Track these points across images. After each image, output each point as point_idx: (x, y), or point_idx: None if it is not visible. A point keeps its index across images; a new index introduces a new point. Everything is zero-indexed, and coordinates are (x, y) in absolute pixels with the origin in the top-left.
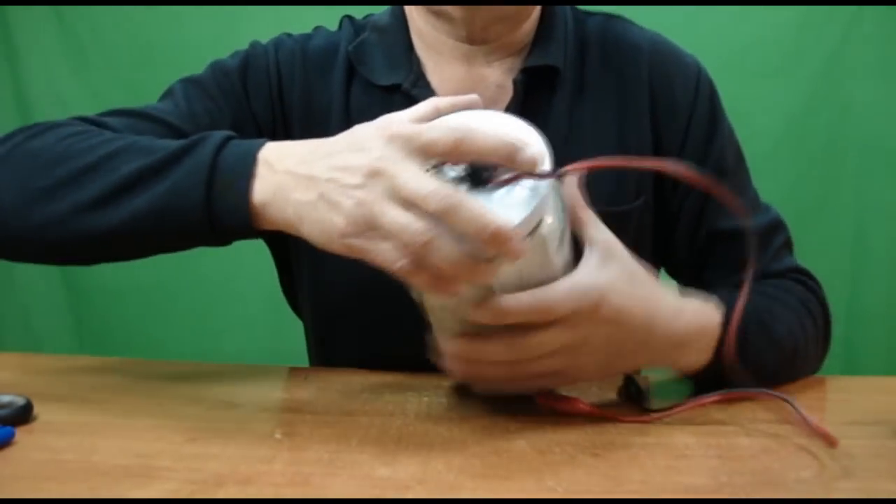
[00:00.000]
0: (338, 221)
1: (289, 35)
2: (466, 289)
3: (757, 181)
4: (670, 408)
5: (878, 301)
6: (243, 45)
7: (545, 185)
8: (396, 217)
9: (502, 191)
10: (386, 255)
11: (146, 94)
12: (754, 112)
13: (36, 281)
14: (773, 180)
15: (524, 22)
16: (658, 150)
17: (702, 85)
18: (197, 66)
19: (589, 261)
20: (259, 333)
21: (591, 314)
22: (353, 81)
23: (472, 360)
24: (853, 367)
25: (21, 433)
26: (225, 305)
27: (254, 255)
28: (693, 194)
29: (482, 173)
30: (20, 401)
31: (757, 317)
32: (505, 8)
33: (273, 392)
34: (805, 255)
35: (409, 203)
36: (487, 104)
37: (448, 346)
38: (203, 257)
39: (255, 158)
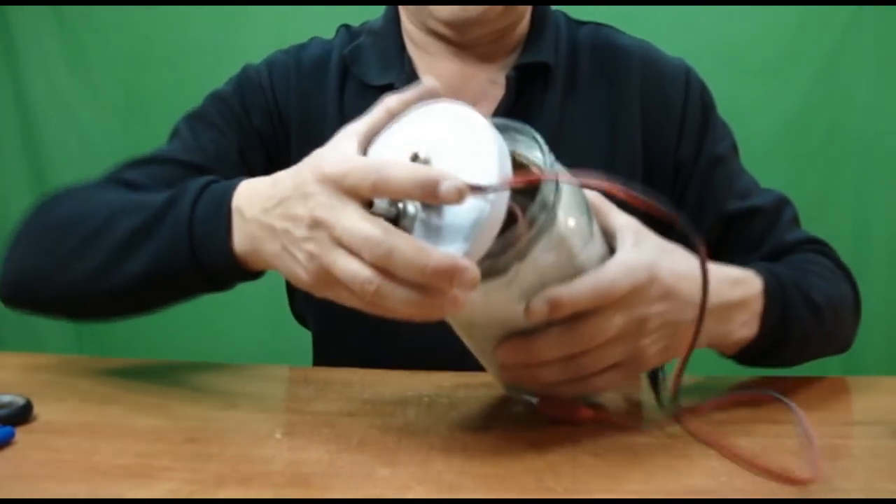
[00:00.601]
0: (302, 274)
1: (283, 50)
2: (482, 297)
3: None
4: (691, 408)
5: (878, 301)
6: (243, 45)
7: (488, 204)
8: (345, 266)
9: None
10: (351, 301)
11: (146, 93)
12: (753, 112)
13: None
14: (772, 180)
15: (514, 29)
16: (650, 149)
17: (692, 82)
18: (196, 66)
19: (624, 244)
20: (259, 333)
21: (644, 291)
22: (346, 84)
23: (526, 364)
24: (853, 367)
25: (21, 433)
26: (225, 305)
27: None
28: (693, 183)
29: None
30: (20, 401)
31: (796, 285)
32: (494, 22)
33: (273, 392)
34: None
35: (352, 251)
36: (480, 101)
37: (498, 354)
38: None
39: (229, 208)
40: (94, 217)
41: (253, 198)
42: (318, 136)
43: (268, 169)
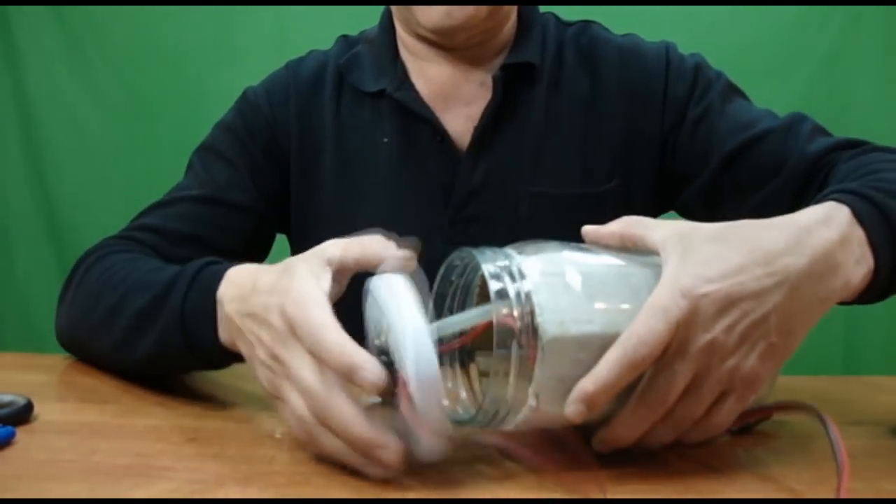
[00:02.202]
0: (265, 384)
1: (282, 67)
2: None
3: None
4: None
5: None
6: (243, 45)
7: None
8: (293, 401)
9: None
10: (296, 427)
11: (146, 93)
12: None
13: (36, 281)
14: None
15: (500, 31)
16: (634, 132)
17: (672, 57)
18: (196, 66)
19: (667, 266)
20: None
21: (693, 320)
22: (342, 93)
23: (628, 440)
24: (853, 367)
25: (21, 433)
26: None
27: None
28: (693, 140)
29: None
30: (20, 401)
31: (876, 189)
32: (479, 26)
33: None
34: None
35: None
36: (471, 102)
37: (598, 451)
38: None
39: (215, 299)
40: (114, 291)
41: (231, 292)
42: (317, 146)
43: (282, 184)
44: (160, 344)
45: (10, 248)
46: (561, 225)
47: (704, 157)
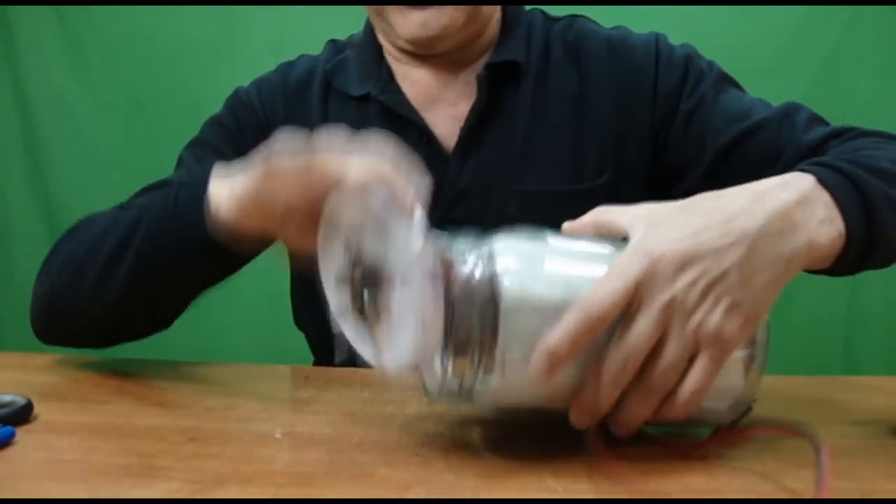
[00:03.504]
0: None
1: (271, 70)
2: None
3: None
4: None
5: (878, 301)
6: (243, 45)
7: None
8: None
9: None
10: None
11: (146, 93)
12: None
13: None
14: None
15: (481, 35)
16: (624, 125)
17: (661, 48)
18: (196, 66)
19: (633, 237)
20: (259, 333)
21: (651, 277)
22: (329, 97)
23: (601, 407)
24: (853, 367)
25: (21, 433)
26: (225, 305)
27: None
28: (686, 133)
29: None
30: (20, 401)
31: (849, 161)
32: (458, 34)
33: (273, 392)
34: None
35: None
36: (457, 103)
37: (575, 425)
38: None
39: (206, 195)
40: (93, 240)
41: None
42: None
43: None
44: (148, 245)
45: (10, 248)
46: (551, 222)
47: (699, 150)
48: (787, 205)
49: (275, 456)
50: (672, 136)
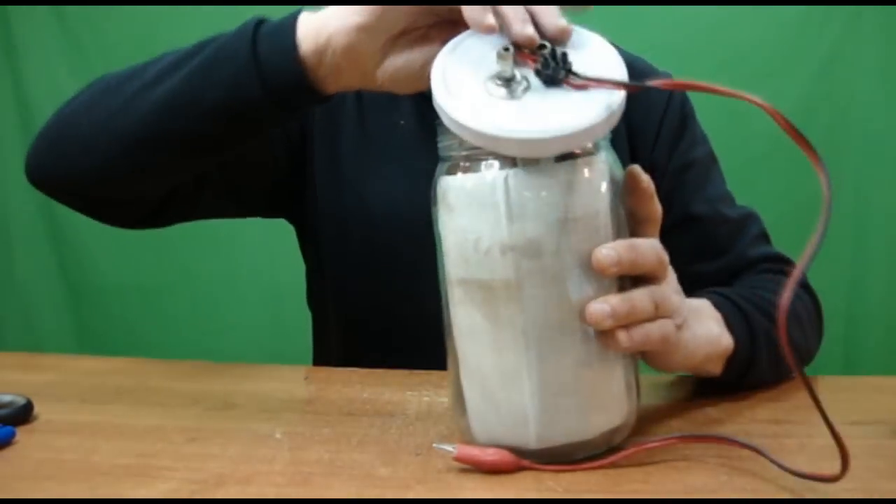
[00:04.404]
0: None
1: None
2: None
3: (756, 181)
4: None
5: (878, 301)
6: None
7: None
8: None
9: (578, 94)
10: None
11: None
12: (754, 112)
13: (36, 281)
14: (772, 180)
15: None
16: (632, 150)
17: (675, 91)
18: None
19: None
20: (259, 333)
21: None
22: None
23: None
24: (853, 367)
25: (21, 433)
26: (225, 305)
27: (254, 255)
28: (663, 185)
29: (557, 73)
30: (20, 401)
31: (741, 297)
32: None
33: (273, 392)
34: None
35: None
36: None
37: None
38: (203, 257)
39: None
40: (138, 67)
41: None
42: (337, 123)
43: (303, 150)
44: (211, 58)
45: (10, 248)
46: None
47: (670, 203)
48: (699, 305)
49: (275, 456)
50: (654, 180)
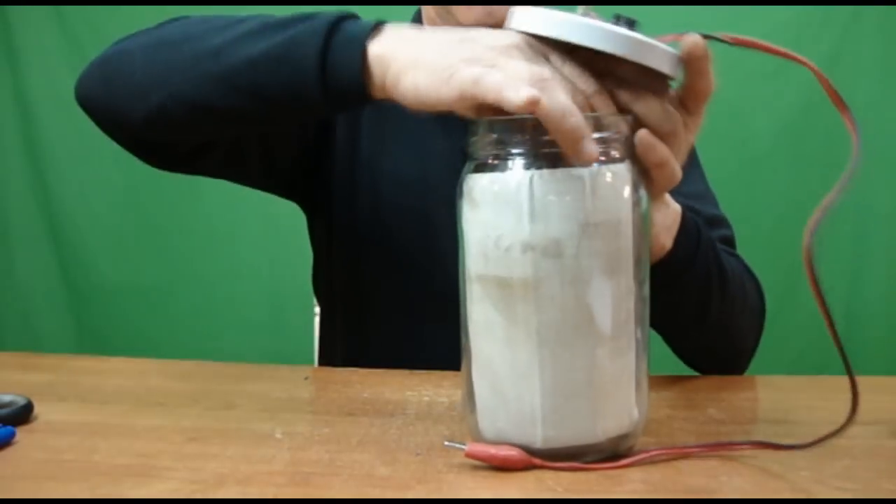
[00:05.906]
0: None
1: None
2: None
3: (756, 181)
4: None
5: (878, 301)
6: None
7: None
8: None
9: None
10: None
11: None
12: (754, 112)
13: (36, 281)
14: (772, 180)
15: None
16: None
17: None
18: None
19: None
20: (259, 333)
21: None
22: None
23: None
24: (853, 367)
25: (21, 433)
26: (225, 305)
27: (254, 255)
28: None
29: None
30: (20, 401)
31: (711, 240)
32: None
33: (273, 392)
34: None
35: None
36: None
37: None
38: (203, 257)
39: (381, 28)
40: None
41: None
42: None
43: (319, 135)
44: (281, 48)
45: (10, 248)
46: None
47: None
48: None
49: (275, 456)
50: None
